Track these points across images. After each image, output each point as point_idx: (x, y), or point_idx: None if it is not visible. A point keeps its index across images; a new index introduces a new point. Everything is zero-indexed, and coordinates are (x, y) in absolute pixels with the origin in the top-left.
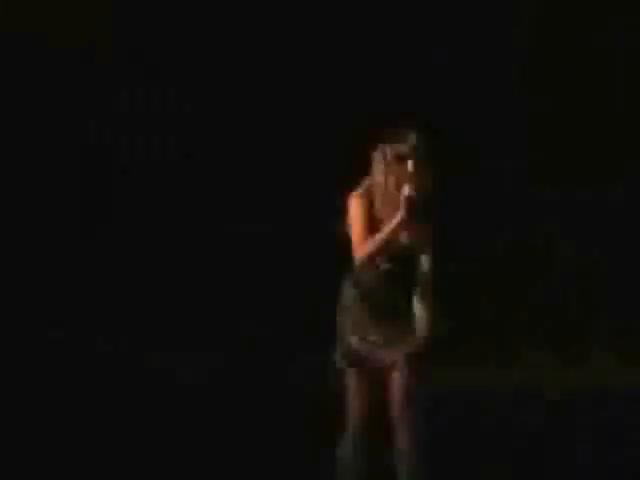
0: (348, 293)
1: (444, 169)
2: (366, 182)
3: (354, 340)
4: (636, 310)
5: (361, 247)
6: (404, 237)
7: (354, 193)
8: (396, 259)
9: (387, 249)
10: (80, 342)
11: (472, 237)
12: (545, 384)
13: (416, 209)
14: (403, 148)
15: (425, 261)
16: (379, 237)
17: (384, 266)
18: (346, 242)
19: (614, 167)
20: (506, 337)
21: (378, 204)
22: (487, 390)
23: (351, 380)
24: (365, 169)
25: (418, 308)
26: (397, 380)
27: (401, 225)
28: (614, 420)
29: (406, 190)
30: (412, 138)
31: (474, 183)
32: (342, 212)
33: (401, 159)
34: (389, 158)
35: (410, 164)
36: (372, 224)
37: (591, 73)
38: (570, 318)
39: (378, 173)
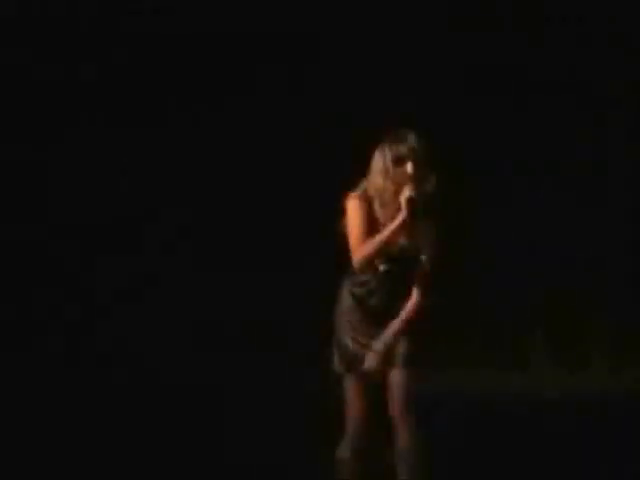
0: (346, 295)
1: (445, 170)
2: (364, 183)
3: (349, 341)
4: (636, 312)
5: (360, 249)
6: (403, 239)
7: (352, 194)
8: (395, 260)
9: (386, 251)
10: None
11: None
12: (545, 385)
13: (417, 210)
14: (402, 149)
15: (425, 262)
16: (379, 239)
17: (383, 267)
18: (345, 243)
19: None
20: (506, 339)
21: (377, 206)
22: (486, 391)
23: (349, 381)
24: (364, 170)
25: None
26: (396, 380)
27: (402, 227)
28: (614, 422)
29: (407, 192)
30: (411, 139)
31: (474, 183)
32: (340, 213)
33: (400, 160)
34: (388, 159)
35: (409, 166)
36: (371, 226)
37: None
38: (570, 320)
39: (377, 174)
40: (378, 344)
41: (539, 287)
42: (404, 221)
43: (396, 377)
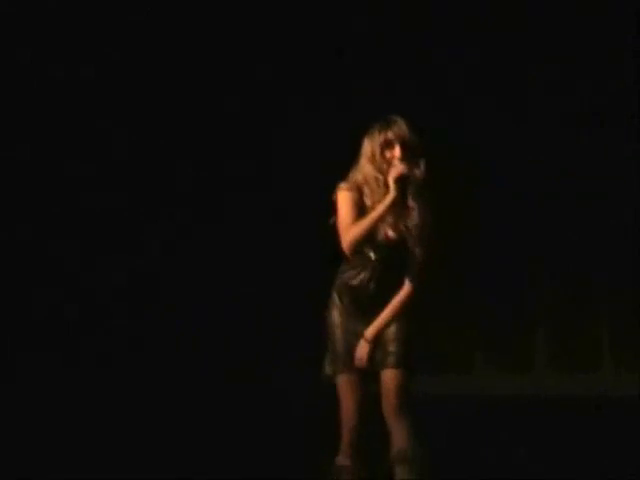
0: (336, 293)
1: (441, 165)
2: (354, 173)
3: (341, 337)
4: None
5: (350, 231)
6: (393, 225)
7: (342, 186)
8: (385, 248)
9: (376, 238)
10: None
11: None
12: (548, 387)
13: (406, 189)
14: (390, 134)
15: (417, 251)
16: (369, 219)
17: (373, 255)
18: (338, 237)
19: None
20: (505, 342)
21: (367, 194)
22: (488, 393)
23: (341, 380)
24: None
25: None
26: (388, 381)
27: (391, 206)
28: (615, 426)
29: (396, 171)
30: (400, 124)
31: (474, 183)
32: (332, 206)
33: (388, 144)
34: (376, 144)
35: (397, 149)
36: (360, 214)
37: None
38: (571, 323)
39: (364, 160)
40: (368, 332)
41: (541, 287)
42: (393, 201)
43: (388, 378)
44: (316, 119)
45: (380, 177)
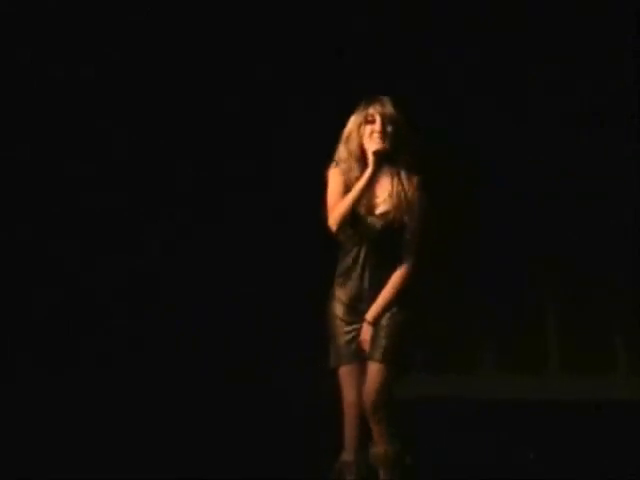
0: (336, 288)
1: (441, 165)
2: (340, 153)
3: (342, 328)
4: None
5: (335, 209)
6: (379, 209)
7: (331, 166)
8: (375, 232)
9: (365, 223)
10: None
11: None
12: (545, 389)
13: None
14: (371, 110)
15: (412, 231)
16: (351, 195)
17: (365, 238)
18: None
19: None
20: (505, 342)
21: (351, 175)
22: (486, 395)
23: (344, 375)
24: None
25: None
26: (370, 374)
27: (370, 181)
28: (618, 428)
29: (374, 144)
30: (384, 102)
31: (474, 183)
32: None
33: (370, 121)
34: (355, 123)
35: (378, 123)
36: (347, 193)
37: None
38: (571, 324)
39: (341, 144)
40: (369, 314)
41: (541, 287)
42: (371, 175)
43: (371, 371)
44: (316, 119)
45: (351, 160)
